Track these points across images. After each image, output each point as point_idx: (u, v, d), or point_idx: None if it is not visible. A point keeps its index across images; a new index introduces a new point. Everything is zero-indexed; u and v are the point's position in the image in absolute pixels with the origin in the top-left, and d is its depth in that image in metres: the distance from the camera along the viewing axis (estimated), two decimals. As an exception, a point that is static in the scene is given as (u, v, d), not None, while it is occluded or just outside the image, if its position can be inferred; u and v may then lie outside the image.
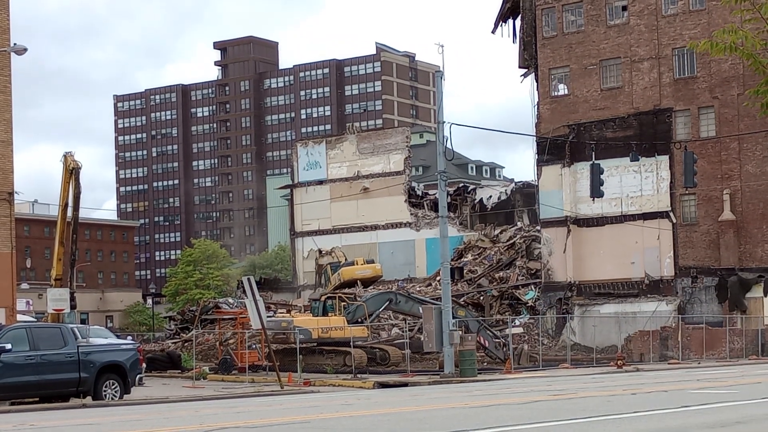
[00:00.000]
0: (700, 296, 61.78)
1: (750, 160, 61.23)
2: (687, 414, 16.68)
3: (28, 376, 27.46)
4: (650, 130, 63.09)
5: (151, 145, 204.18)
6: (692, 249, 62.42)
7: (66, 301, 44.92)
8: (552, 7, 67.09)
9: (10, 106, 44.42)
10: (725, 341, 54.78)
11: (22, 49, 40.00)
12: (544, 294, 66.07)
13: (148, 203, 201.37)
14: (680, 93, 63.01)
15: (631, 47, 64.46)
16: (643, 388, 24.65)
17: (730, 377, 30.54)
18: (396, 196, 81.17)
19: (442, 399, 23.48)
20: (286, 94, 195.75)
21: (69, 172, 45.74)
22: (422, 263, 79.60)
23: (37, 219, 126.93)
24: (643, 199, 63.58)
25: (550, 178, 66.43)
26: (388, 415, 18.67)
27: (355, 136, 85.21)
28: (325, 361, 50.92)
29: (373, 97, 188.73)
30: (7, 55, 43.37)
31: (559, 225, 65.73)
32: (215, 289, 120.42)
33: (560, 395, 22.66)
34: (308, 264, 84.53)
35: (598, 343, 58.16)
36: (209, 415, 20.72)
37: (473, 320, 50.72)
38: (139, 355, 30.63)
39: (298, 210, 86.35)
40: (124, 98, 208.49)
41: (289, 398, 29.64)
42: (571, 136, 65.18)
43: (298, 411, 20.81)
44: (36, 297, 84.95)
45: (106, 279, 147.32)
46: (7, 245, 44.17)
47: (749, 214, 61.10)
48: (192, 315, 70.40)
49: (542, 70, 67.36)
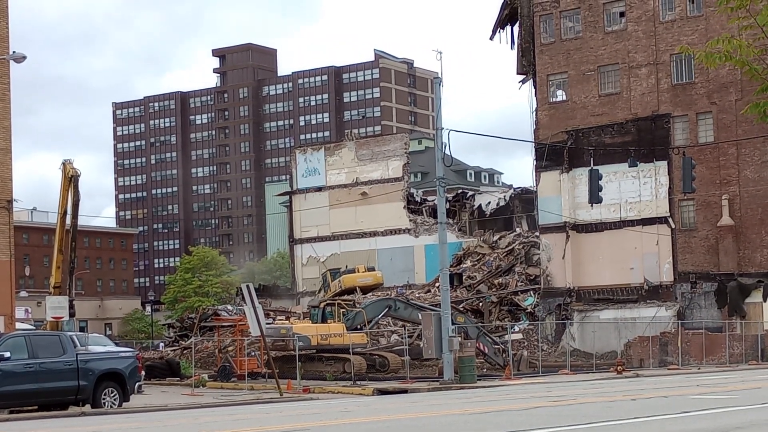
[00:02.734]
0: (700, 301, 61.78)
1: (748, 166, 61.27)
2: (687, 420, 16.67)
3: (26, 384, 27.42)
4: (648, 136, 63.14)
5: (149, 152, 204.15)
6: (691, 254, 62.44)
7: (65, 308, 44.90)
8: (550, 14, 67.17)
9: (9, 113, 44.42)
10: (725, 346, 54.76)
11: (21, 57, 40.00)
12: (543, 300, 66.06)
13: (146, 211, 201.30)
14: (678, 99, 63.07)
15: (629, 53, 64.52)
16: (642, 394, 24.64)
17: (729, 382, 30.53)
18: (395, 203, 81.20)
19: (441, 405, 23.46)
20: (285, 101, 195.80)
21: (68, 180, 45.74)
22: (421, 269, 79.58)
23: (36, 227, 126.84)
24: (642, 204, 63.60)
25: (549, 184, 66.45)
26: (388, 422, 18.66)
27: (353, 143, 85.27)
28: (324, 368, 50.85)
29: (372, 104, 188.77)
30: (6, 63, 43.38)
31: (558, 231, 65.73)
32: (214, 296, 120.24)
33: (560, 401, 22.64)
34: (307, 271, 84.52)
35: (597, 349, 58.11)
36: (208, 423, 20.70)
37: (472, 326, 50.71)
38: (138, 362, 30.61)
39: (297, 217, 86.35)
40: (122, 106, 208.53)
41: (288, 405, 29.61)
42: (570, 142, 65.24)
43: (298, 418, 20.78)
44: (35, 305, 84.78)
45: (105, 287, 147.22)
46: (6, 253, 44.12)
47: (748, 219, 61.13)
48: (191, 322, 70.30)
49: (540, 76, 67.43)
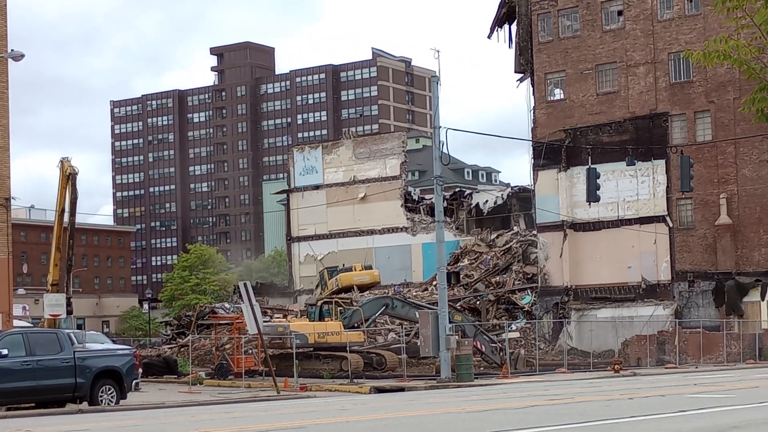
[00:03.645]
0: (697, 300, 61.80)
1: (746, 164, 61.30)
2: (684, 418, 16.67)
3: (24, 381, 27.43)
4: (646, 135, 63.14)
5: (147, 150, 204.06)
6: (689, 253, 62.46)
7: (62, 306, 44.88)
8: (548, 12, 67.16)
9: (7, 112, 44.44)
10: (722, 345, 54.80)
11: (20, 55, 39.96)
12: (540, 298, 66.06)
13: (144, 208, 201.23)
14: (676, 97, 63.09)
15: (626, 52, 64.53)
16: (640, 393, 24.64)
17: (727, 381, 30.54)
18: (392, 201, 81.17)
19: (438, 404, 23.46)
20: (283, 100, 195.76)
21: (66, 178, 45.71)
22: (419, 268, 79.58)
23: (34, 224, 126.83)
24: (640, 203, 63.62)
25: (547, 183, 66.46)
26: (385, 420, 18.66)
27: (351, 141, 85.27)
28: (321, 366, 50.84)
29: (369, 102, 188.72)
30: (4, 62, 43.36)
31: (556, 229, 65.73)
32: (211, 294, 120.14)
33: (557, 400, 22.64)
34: (304, 269, 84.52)
35: (594, 348, 58.13)
36: (205, 421, 20.70)
37: (470, 325, 50.68)
38: (136, 360, 30.61)
39: (295, 215, 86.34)
40: (120, 104, 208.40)
41: (285, 403, 29.62)
42: (568, 140, 65.24)
43: (295, 416, 20.78)
44: (32, 302, 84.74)
45: (103, 284, 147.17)
46: (4, 251, 44.12)
47: (746, 218, 61.16)
48: (188, 320, 70.28)
49: (538, 74, 67.42)
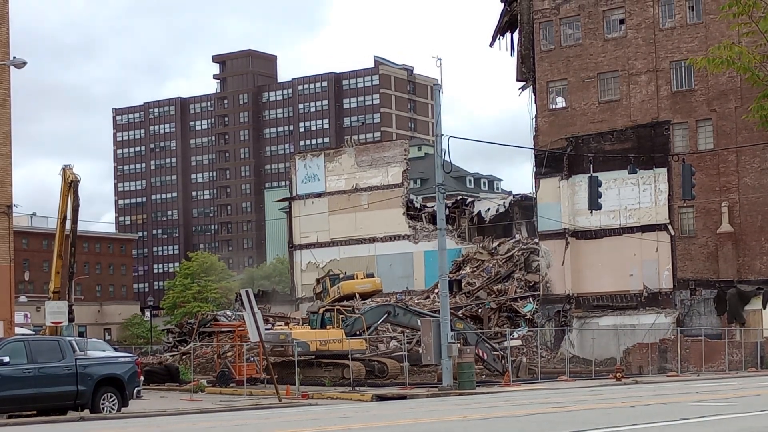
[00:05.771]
0: (699, 309, 61.74)
1: (748, 173, 61.29)
2: (686, 426, 16.67)
3: (25, 389, 27.42)
4: (648, 143, 63.16)
5: (149, 158, 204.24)
6: (691, 261, 62.43)
7: (64, 313, 44.93)
8: (549, 21, 67.24)
9: (9, 119, 44.50)
10: (724, 354, 54.75)
11: (22, 62, 40.03)
12: (542, 306, 66.01)
13: (146, 216, 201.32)
14: (678, 106, 63.11)
15: (628, 60, 64.58)
16: (642, 401, 24.63)
17: (729, 389, 30.52)
18: (394, 209, 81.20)
19: (440, 412, 23.45)
20: (285, 108, 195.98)
21: (68, 185, 45.81)
22: (420, 276, 79.57)
23: (36, 232, 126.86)
24: (642, 211, 63.61)
25: (548, 191, 66.46)
26: (387, 427, 18.65)
27: (353, 149, 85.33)
28: (323, 373, 50.78)
29: (372, 110, 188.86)
30: (6, 69, 43.44)
31: (558, 237, 65.72)
32: (213, 301, 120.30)
33: (559, 408, 22.63)
34: (306, 276, 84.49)
35: (596, 356, 58.09)
36: (207, 428, 20.70)
37: (472, 333, 50.66)
38: (137, 367, 30.60)
39: (297, 223, 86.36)
40: (122, 111, 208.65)
41: (287, 411, 29.61)
42: (569, 148, 65.24)
43: (296, 424, 20.77)
44: (34, 310, 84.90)
45: (105, 292, 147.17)
46: (6, 258, 44.14)
47: (748, 226, 61.13)
48: (190, 328, 70.22)
49: (540, 83, 67.46)
